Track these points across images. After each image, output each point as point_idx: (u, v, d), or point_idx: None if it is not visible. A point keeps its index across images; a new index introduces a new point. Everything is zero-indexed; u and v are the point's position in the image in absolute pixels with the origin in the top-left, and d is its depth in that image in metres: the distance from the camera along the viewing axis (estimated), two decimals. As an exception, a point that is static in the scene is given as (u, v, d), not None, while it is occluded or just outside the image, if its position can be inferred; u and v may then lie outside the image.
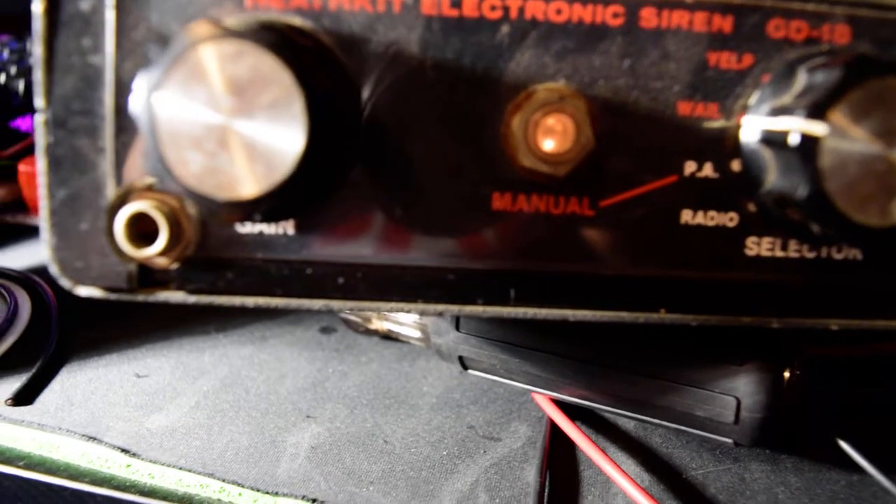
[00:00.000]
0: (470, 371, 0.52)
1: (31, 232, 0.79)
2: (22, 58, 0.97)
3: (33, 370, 0.56)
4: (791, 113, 0.29)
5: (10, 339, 0.60)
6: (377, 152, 0.33)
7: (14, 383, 0.55)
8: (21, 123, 0.88)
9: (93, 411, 0.53)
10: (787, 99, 0.31)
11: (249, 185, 0.28)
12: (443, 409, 0.53)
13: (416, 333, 0.56)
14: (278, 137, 0.28)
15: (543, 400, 0.50)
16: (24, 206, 0.80)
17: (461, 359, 0.51)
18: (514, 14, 0.32)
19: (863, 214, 0.29)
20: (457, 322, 0.50)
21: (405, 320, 0.57)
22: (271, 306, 0.35)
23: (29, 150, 0.82)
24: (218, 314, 0.66)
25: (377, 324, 0.59)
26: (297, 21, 0.32)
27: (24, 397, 0.54)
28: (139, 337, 0.63)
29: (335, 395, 0.55)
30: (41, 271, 0.69)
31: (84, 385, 0.56)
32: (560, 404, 0.50)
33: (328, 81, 0.30)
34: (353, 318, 0.61)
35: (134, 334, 0.63)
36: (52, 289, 0.65)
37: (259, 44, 0.27)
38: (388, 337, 0.61)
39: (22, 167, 0.79)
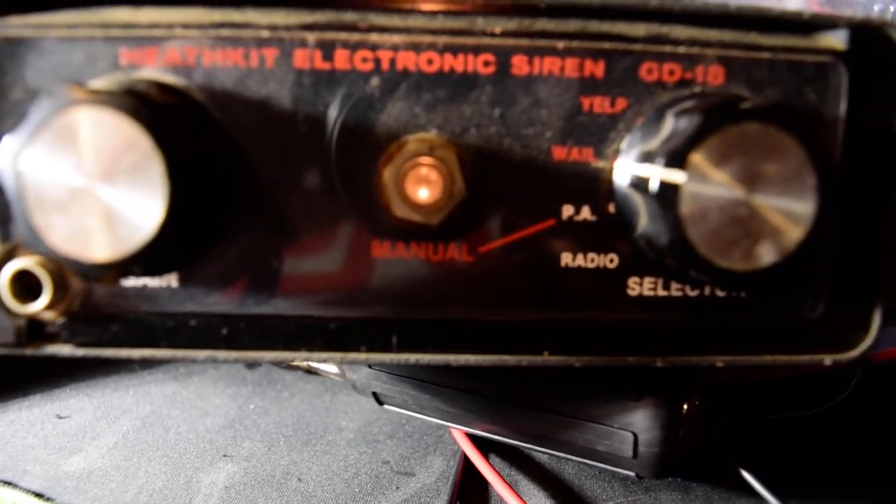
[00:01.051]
0: (385, 406, 0.52)
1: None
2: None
3: (-47, 414, 0.56)
4: (654, 159, 0.30)
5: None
6: (254, 205, 0.33)
7: (-70, 429, 0.54)
8: None
9: (11, 454, 0.52)
10: (653, 144, 0.31)
11: (111, 249, 0.28)
12: (359, 445, 0.53)
13: (334, 369, 0.56)
14: (139, 201, 0.28)
15: (458, 434, 0.51)
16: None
17: (375, 394, 0.51)
18: (385, 66, 0.32)
19: (726, 260, 0.30)
20: (368, 358, 0.50)
21: (323, 355, 0.57)
22: (157, 357, 0.35)
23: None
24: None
25: (298, 359, 0.59)
26: (170, 79, 0.32)
27: (-60, 444, 0.53)
28: (64, 376, 0.62)
29: (254, 432, 0.55)
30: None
31: (4, 427, 0.56)
32: (475, 437, 0.50)
33: (194, 142, 0.30)
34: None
35: (57, 373, 0.63)
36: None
37: (118, 109, 0.28)
38: (311, 371, 0.61)
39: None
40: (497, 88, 0.33)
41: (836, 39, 0.34)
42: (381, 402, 0.52)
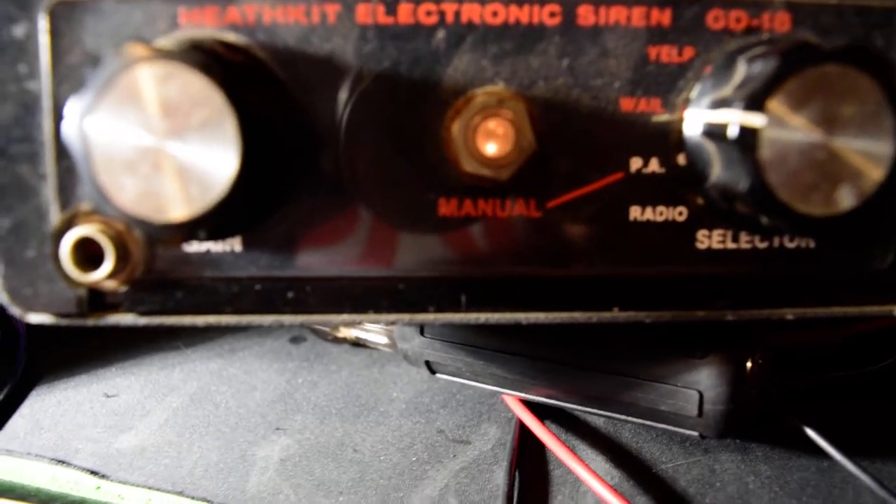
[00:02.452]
0: (438, 375, 0.52)
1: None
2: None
3: (1, 395, 0.56)
4: (730, 105, 0.29)
5: (-22, 366, 0.59)
6: (321, 165, 0.33)
7: (-18, 410, 0.54)
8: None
9: (62, 434, 0.52)
10: (727, 90, 0.31)
11: (185, 208, 0.28)
12: (412, 415, 0.53)
13: (384, 339, 0.56)
14: (212, 158, 0.27)
15: (512, 401, 0.50)
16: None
17: (428, 363, 0.51)
18: (449, 18, 0.32)
19: (806, 204, 0.29)
20: (421, 327, 0.50)
21: (372, 327, 0.56)
22: (222, 324, 0.34)
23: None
24: (186, 329, 0.66)
25: (345, 332, 0.59)
26: (231, 37, 0.32)
27: (-8, 424, 0.53)
28: (108, 356, 0.62)
29: (305, 405, 0.55)
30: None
31: (53, 408, 0.56)
32: (529, 404, 0.50)
33: (262, 99, 0.30)
34: (321, 326, 0.60)
35: (103, 353, 0.62)
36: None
37: (188, 64, 0.27)
38: (357, 344, 0.60)
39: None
40: (564, 39, 0.32)
41: (904, -16, 0.33)
42: (433, 371, 0.52)
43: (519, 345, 0.46)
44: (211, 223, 0.29)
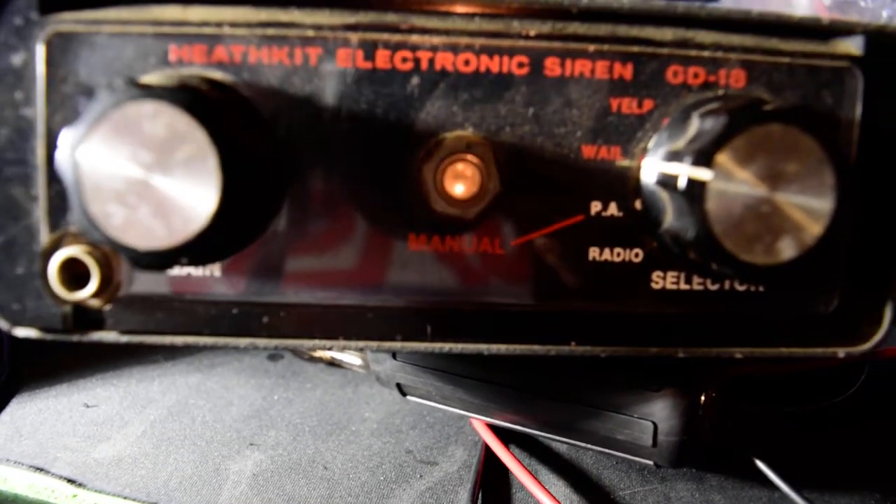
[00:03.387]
0: (409, 397, 0.54)
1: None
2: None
3: (-17, 402, 0.57)
4: (682, 158, 0.31)
5: (-39, 373, 0.61)
6: (297, 198, 0.35)
7: (-37, 416, 0.56)
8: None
9: (41, 442, 0.54)
10: (680, 143, 0.33)
11: (167, 238, 0.29)
12: (383, 435, 0.55)
13: (358, 361, 0.58)
14: (194, 192, 0.29)
15: (479, 425, 0.52)
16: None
17: (399, 386, 0.53)
18: (424, 65, 0.34)
19: (749, 254, 0.31)
20: (393, 351, 0.52)
21: (347, 348, 0.58)
22: (199, 344, 0.36)
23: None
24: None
25: (321, 351, 0.61)
26: (217, 75, 0.34)
27: (-28, 430, 0.55)
28: (89, 366, 0.64)
29: (279, 422, 0.56)
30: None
31: (33, 416, 0.57)
32: (496, 428, 0.52)
33: (244, 136, 0.31)
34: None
35: (84, 364, 0.64)
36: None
37: (175, 103, 0.29)
38: (333, 364, 0.62)
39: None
40: (531, 89, 0.34)
41: (853, 45, 0.35)
42: (404, 394, 0.53)
43: (486, 371, 0.48)
44: (191, 252, 0.30)
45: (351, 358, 0.58)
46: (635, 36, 0.35)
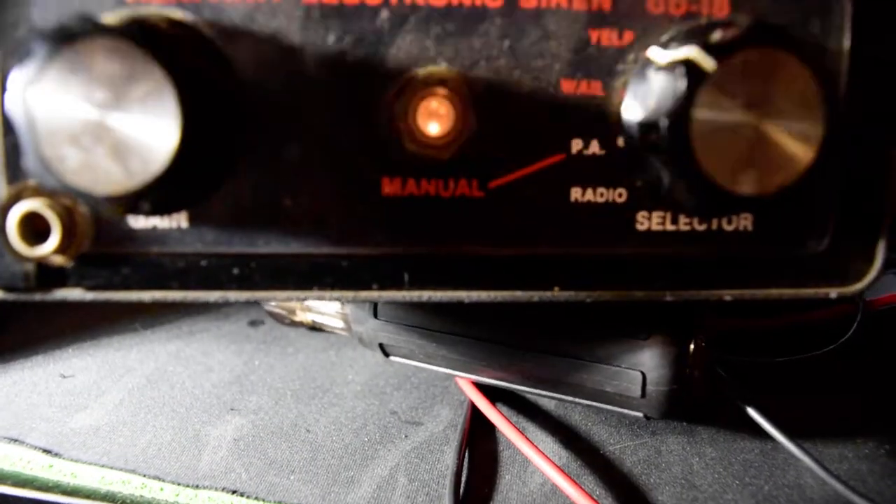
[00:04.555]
0: (392, 357, 0.53)
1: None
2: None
3: (-44, 375, 0.56)
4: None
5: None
6: (264, 142, 0.33)
7: (-65, 389, 0.54)
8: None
9: (16, 413, 0.52)
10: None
11: (125, 181, 0.28)
12: (367, 397, 0.53)
13: (339, 323, 0.56)
14: (152, 131, 0.28)
15: (465, 383, 0.51)
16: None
17: (381, 346, 0.51)
18: (393, -1, 0.32)
19: (737, 184, 0.30)
20: (374, 309, 0.50)
21: (327, 311, 0.57)
22: (168, 300, 0.35)
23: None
24: (144, 310, 0.66)
25: (301, 315, 0.59)
26: (177, 14, 0.32)
27: (-54, 403, 0.53)
28: (65, 336, 0.62)
29: (260, 387, 0.55)
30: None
31: (8, 388, 0.56)
32: (482, 386, 0.50)
33: (204, 75, 0.30)
34: (278, 310, 0.61)
35: (60, 334, 0.63)
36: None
37: (129, 38, 0.27)
38: (314, 328, 0.61)
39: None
40: (506, 21, 0.33)
41: (840, -29, 0.34)
42: (387, 354, 0.52)
43: (469, 327, 0.47)
44: (152, 196, 0.29)
45: (333, 321, 0.57)
46: (614, -37, 0.33)
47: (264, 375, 0.57)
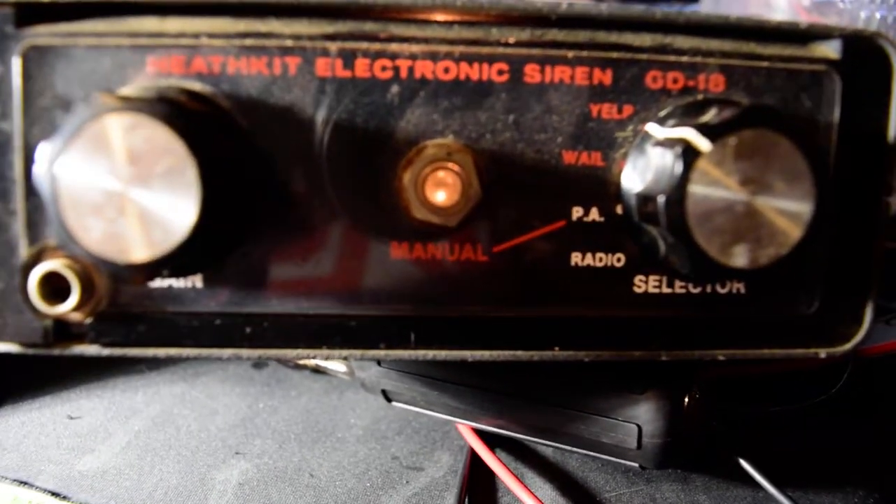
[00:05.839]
0: (394, 403, 0.54)
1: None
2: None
3: (-34, 416, 0.57)
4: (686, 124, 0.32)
5: (-58, 385, 0.60)
6: (277, 208, 0.35)
7: (-55, 430, 0.55)
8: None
9: (25, 455, 0.53)
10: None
11: (147, 250, 0.29)
12: (368, 441, 0.55)
13: (342, 367, 0.57)
14: (174, 204, 0.29)
15: (465, 429, 0.52)
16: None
17: (384, 392, 0.53)
18: (403, 74, 0.34)
19: (729, 258, 0.31)
20: (377, 358, 0.52)
21: (331, 355, 0.58)
22: (182, 356, 0.36)
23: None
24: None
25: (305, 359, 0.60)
26: (196, 86, 0.34)
27: (-45, 444, 0.54)
28: (72, 377, 0.63)
29: (265, 430, 0.56)
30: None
31: (17, 428, 0.57)
32: (481, 433, 0.52)
33: (223, 148, 0.31)
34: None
35: (67, 375, 0.63)
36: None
37: (153, 115, 0.29)
38: (317, 371, 0.62)
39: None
40: (511, 96, 0.34)
41: (830, 49, 0.36)
42: (389, 400, 0.53)
43: (471, 377, 0.48)
44: (172, 264, 0.30)
45: (335, 365, 0.58)
46: (614, 42, 0.35)
47: (268, 418, 0.58)
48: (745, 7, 0.79)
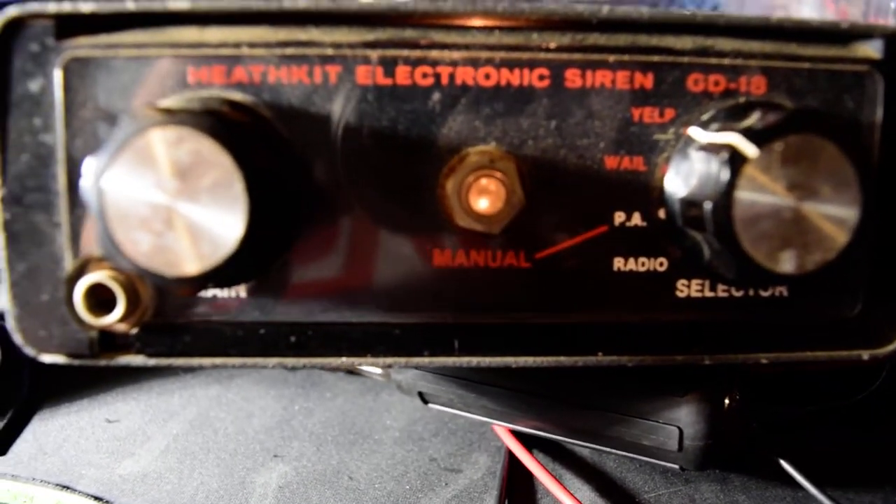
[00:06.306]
0: (430, 405, 0.54)
1: None
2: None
3: (5, 420, 0.57)
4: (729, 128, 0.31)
5: (-19, 390, 0.61)
6: (319, 217, 0.35)
7: (-14, 434, 0.56)
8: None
9: (65, 459, 0.54)
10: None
11: (197, 263, 0.30)
12: (406, 443, 0.55)
13: (377, 369, 0.58)
14: (221, 217, 0.29)
15: (502, 431, 0.52)
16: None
17: (421, 394, 0.53)
18: (444, 80, 0.34)
19: (775, 264, 0.31)
20: (415, 359, 0.52)
21: (367, 356, 0.58)
22: (228, 366, 0.36)
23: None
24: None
25: (340, 359, 0.61)
26: (237, 96, 0.34)
27: (-2, 448, 0.55)
28: (109, 381, 0.64)
29: (301, 432, 0.56)
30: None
31: (56, 433, 0.57)
32: (518, 434, 0.52)
33: (267, 158, 0.31)
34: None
35: (104, 378, 0.64)
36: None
37: (199, 129, 0.29)
38: (352, 372, 0.62)
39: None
40: (552, 101, 0.34)
41: (872, 49, 0.35)
42: (426, 402, 0.53)
43: (509, 379, 0.48)
44: (220, 276, 0.30)
45: (371, 367, 0.58)
46: (655, 45, 0.35)
47: (304, 421, 0.58)
48: (771, 2, 0.78)
